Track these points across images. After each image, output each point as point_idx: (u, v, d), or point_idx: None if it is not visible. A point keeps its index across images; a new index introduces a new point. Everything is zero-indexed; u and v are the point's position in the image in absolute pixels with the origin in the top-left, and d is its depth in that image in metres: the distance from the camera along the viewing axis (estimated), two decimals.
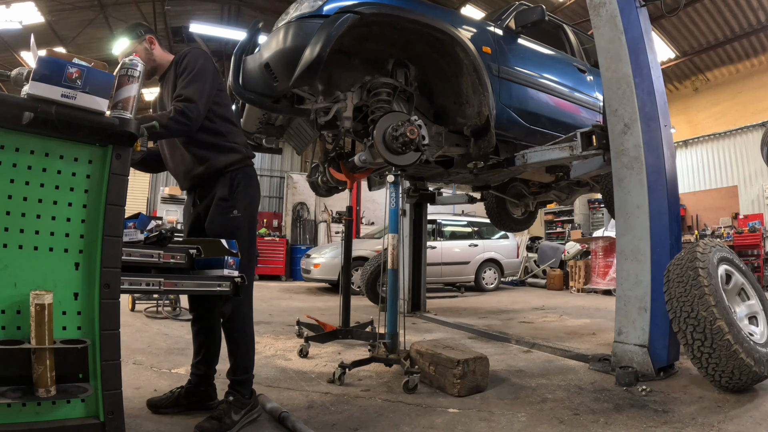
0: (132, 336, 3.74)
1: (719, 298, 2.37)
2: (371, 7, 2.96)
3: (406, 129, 2.95)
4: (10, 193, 1.39)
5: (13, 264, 1.39)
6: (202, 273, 1.85)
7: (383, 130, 3.05)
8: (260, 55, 2.99)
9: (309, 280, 8.64)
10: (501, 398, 2.39)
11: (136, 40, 2.10)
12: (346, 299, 3.79)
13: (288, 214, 13.75)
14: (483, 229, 9.72)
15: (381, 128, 3.06)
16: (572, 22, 7.08)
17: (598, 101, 4.34)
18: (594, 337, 4.22)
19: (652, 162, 2.80)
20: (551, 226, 15.19)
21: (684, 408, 2.19)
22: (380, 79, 3.25)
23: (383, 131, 3.05)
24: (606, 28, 3.01)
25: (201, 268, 1.86)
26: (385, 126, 3.06)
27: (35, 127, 1.40)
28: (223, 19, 12.24)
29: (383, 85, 3.24)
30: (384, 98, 3.23)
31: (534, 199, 5.56)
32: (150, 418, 1.98)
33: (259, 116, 3.68)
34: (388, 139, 3.03)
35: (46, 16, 9.83)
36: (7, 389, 1.31)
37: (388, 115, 3.11)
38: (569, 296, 8.91)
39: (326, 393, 2.43)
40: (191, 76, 1.95)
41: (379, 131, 3.05)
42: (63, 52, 5.16)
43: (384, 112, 3.14)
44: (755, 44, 10.54)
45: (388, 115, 3.11)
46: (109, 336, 1.48)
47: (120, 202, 1.52)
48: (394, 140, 2.99)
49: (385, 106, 3.21)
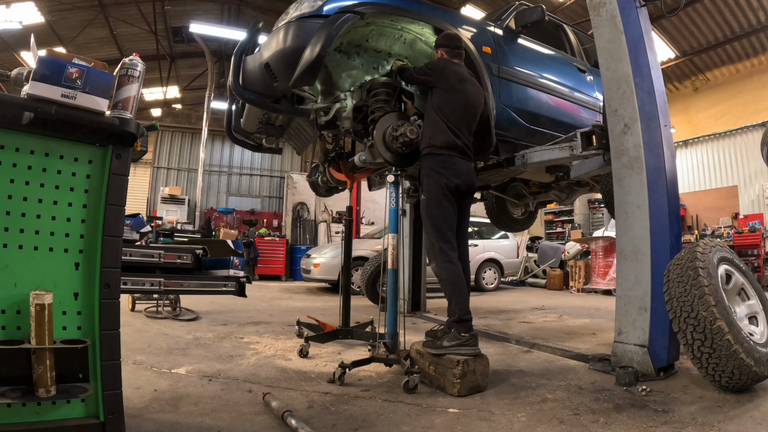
0: (132, 336, 3.74)
1: (719, 298, 2.37)
2: (371, 7, 2.96)
3: (406, 129, 2.95)
4: (10, 193, 1.39)
5: (13, 264, 1.39)
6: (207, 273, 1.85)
7: (383, 130, 3.05)
8: (260, 55, 2.98)
9: (309, 280, 8.64)
10: (501, 398, 2.39)
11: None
12: (346, 299, 3.79)
13: (288, 214, 13.76)
14: (483, 229, 9.72)
15: (381, 128, 3.06)
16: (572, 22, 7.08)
17: (598, 101, 4.34)
18: (594, 337, 4.22)
19: (652, 162, 2.80)
20: (551, 226, 15.19)
21: (684, 408, 2.19)
22: (380, 79, 3.25)
23: (383, 131, 3.05)
24: (606, 28, 3.01)
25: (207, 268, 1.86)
26: (385, 126, 3.06)
27: (35, 127, 1.40)
28: (223, 19, 12.25)
29: (383, 85, 3.23)
30: (384, 98, 3.23)
31: (534, 199, 5.56)
32: (150, 418, 1.98)
33: (259, 116, 3.68)
34: (388, 139, 3.03)
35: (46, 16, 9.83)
36: (7, 389, 1.31)
37: (388, 115, 3.11)
38: (569, 296, 8.91)
39: (326, 393, 2.43)
40: None
41: (379, 131, 3.05)
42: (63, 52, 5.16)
43: (384, 112, 3.14)
44: (755, 44, 10.54)
45: (388, 115, 3.11)
46: (109, 336, 1.48)
47: (120, 202, 1.52)
48: (394, 140, 3.00)
49: (385, 106, 3.21)
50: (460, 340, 2.56)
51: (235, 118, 3.74)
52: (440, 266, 2.69)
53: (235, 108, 3.74)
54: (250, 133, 3.82)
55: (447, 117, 2.79)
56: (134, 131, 1.52)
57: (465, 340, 2.55)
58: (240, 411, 2.12)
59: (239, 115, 3.71)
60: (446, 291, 2.69)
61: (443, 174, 2.74)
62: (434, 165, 2.78)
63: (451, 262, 2.67)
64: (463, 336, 2.56)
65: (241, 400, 2.28)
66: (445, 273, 2.67)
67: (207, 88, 12.66)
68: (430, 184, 2.76)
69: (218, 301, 5.80)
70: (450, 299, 2.67)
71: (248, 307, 5.91)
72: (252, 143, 3.96)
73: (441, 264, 2.69)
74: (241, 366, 2.96)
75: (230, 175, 15.75)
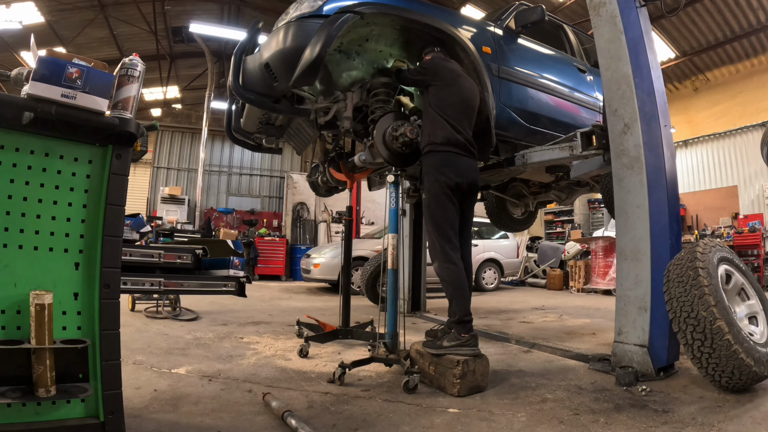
0: (132, 336, 3.74)
1: (719, 298, 2.37)
2: (371, 7, 2.96)
3: (406, 129, 2.95)
4: (10, 193, 1.39)
5: (13, 264, 1.39)
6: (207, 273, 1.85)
7: (383, 130, 3.05)
8: (260, 55, 2.98)
9: (309, 280, 8.64)
10: (501, 398, 2.39)
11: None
12: (346, 299, 3.79)
13: (288, 214, 13.76)
14: (483, 229, 9.72)
15: (381, 128, 3.06)
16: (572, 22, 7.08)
17: (598, 101, 4.34)
18: (594, 337, 4.22)
19: (652, 162, 2.80)
20: (551, 226, 15.19)
21: (684, 408, 2.19)
22: (380, 79, 3.25)
23: (383, 131, 3.05)
24: (606, 28, 3.01)
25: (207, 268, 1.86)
26: (384, 126, 3.06)
27: (35, 127, 1.40)
28: (223, 19, 12.25)
29: (383, 85, 3.23)
30: (384, 98, 3.23)
31: (534, 199, 5.56)
32: (150, 418, 1.98)
33: (259, 116, 3.68)
34: (388, 139, 3.03)
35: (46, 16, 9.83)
36: (7, 389, 1.31)
37: (387, 115, 3.11)
38: (569, 296, 8.91)
39: (326, 393, 2.43)
40: None
41: (379, 131, 3.06)
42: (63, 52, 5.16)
43: (384, 112, 3.14)
44: (755, 44, 10.54)
45: (388, 114, 3.12)
46: (109, 336, 1.48)
47: (120, 202, 1.52)
48: (394, 140, 3.00)
49: (384, 106, 3.20)
50: (460, 341, 2.55)
51: (235, 118, 3.74)
52: (442, 266, 2.68)
53: (235, 108, 3.75)
54: (250, 133, 3.82)
55: (445, 113, 2.78)
56: (134, 131, 1.52)
57: (465, 341, 2.55)
58: (240, 411, 2.12)
59: (239, 115, 3.71)
60: (447, 291, 2.68)
61: (444, 172, 2.70)
62: (435, 162, 2.75)
63: (452, 263, 2.66)
64: (463, 336, 2.56)
65: (241, 400, 2.28)
66: (447, 273, 2.65)
67: (207, 88, 12.67)
68: (431, 182, 2.74)
69: (218, 301, 5.80)
70: (451, 300, 2.67)
71: (248, 307, 5.91)
72: (252, 143, 3.96)
73: (443, 264, 2.68)
74: (241, 366, 2.96)
75: (230, 175, 15.76)
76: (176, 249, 1.80)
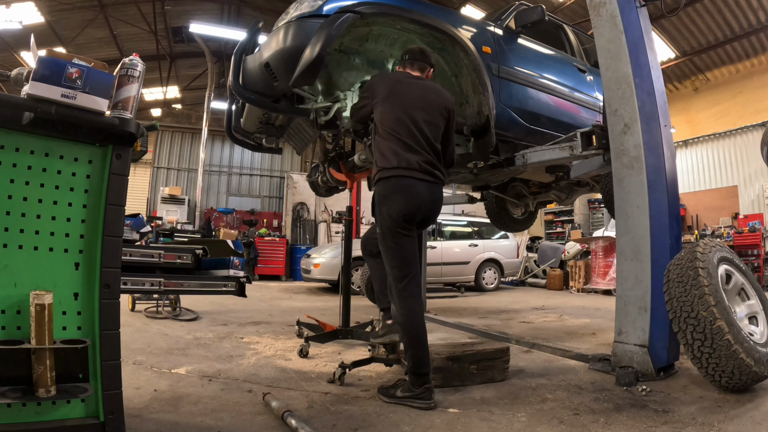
0: (132, 336, 3.74)
1: (719, 298, 2.37)
2: (371, 6, 2.96)
3: None
4: (10, 193, 1.39)
5: (13, 264, 1.39)
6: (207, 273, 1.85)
7: None
8: (260, 54, 2.99)
9: (309, 280, 8.64)
10: (501, 398, 2.39)
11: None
12: (346, 299, 3.78)
13: (288, 214, 13.76)
14: (483, 229, 9.72)
15: None
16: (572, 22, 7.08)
17: (598, 101, 4.34)
18: (594, 337, 4.22)
19: (652, 162, 2.80)
20: (551, 226, 15.20)
21: (684, 408, 2.19)
22: None
23: None
24: (606, 28, 3.01)
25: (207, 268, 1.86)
26: None
27: (35, 127, 1.40)
28: (223, 19, 12.25)
29: None
30: None
31: (534, 199, 5.56)
32: (150, 418, 1.98)
33: (259, 116, 3.68)
34: None
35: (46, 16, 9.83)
36: (7, 389, 1.31)
37: None
38: (569, 296, 8.91)
39: (326, 393, 2.43)
40: None
41: None
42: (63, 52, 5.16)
43: None
44: (755, 44, 10.54)
45: None
46: (109, 336, 1.48)
47: (120, 202, 1.52)
48: None
49: None
50: (413, 393, 2.26)
51: (235, 118, 3.74)
52: (399, 310, 2.37)
53: (235, 108, 3.75)
54: (250, 132, 3.82)
55: (395, 130, 2.35)
56: (134, 131, 1.52)
57: (418, 394, 2.25)
58: (240, 411, 2.12)
59: (239, 115, 3.71)
60: (403, 339, 2.39)
61: (396, 201, 2.32)
62: (384, 190, 2.37)
63: (409, 307, 2.34)
64: (415, 390, 2.26)
65: (241, 400, 2.28)
66: (403, 318, 2.35)
67: (207, 88, 12.67)
68: (382, 217, 2.37)
69: (218, 301, 5.80)
70: (405, 349, 2.37)
71: (248, 307, 5.91)
72: (252, 143, 3.96)
73: (400, 308, 2.37)
74: (241, 366, 2.96)
75: (230, 175, 15.76)
76: (176, 249, 1.80)
